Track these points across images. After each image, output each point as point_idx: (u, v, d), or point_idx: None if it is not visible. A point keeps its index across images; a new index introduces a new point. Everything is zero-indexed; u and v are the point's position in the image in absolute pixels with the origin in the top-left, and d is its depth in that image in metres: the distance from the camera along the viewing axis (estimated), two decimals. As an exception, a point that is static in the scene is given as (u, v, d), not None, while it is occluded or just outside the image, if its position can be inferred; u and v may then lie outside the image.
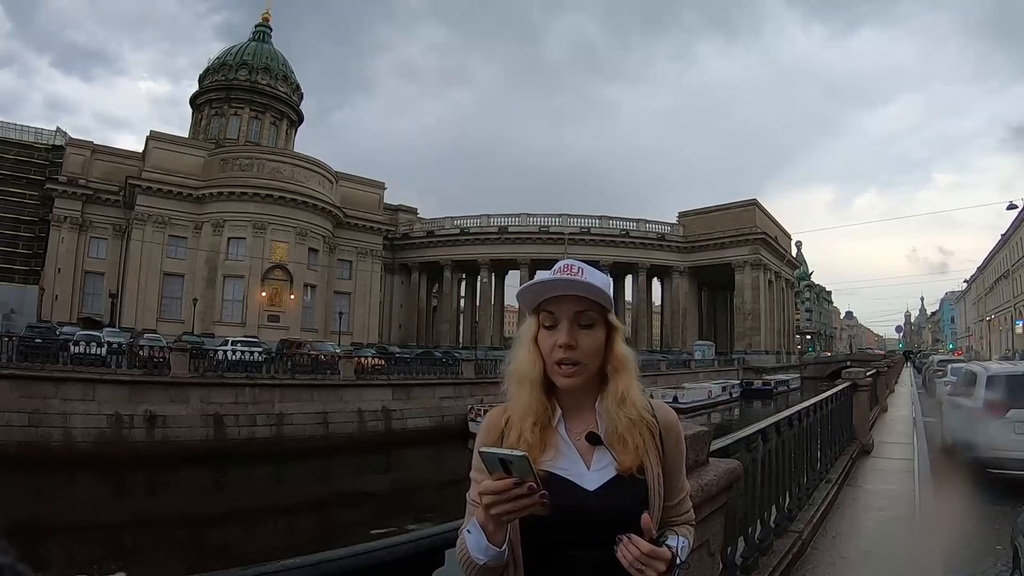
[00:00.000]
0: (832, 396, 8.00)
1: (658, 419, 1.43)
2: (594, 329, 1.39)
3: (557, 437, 1.39)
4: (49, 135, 58.53)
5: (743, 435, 4.07)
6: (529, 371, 1.40)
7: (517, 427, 1.38)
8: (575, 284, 1.37)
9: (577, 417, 1.42)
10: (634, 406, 1.39)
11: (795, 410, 5.82)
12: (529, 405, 1.38)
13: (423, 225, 69.32)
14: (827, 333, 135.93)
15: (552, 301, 1.39)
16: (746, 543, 4.06)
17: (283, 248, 53.30)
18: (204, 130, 65.93)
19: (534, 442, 1.34)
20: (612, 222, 64.93)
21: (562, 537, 1.30)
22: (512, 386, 1.43)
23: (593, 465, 1.36)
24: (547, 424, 1.39)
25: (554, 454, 1.36)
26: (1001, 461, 7.89)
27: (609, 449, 1.36)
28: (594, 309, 1.39)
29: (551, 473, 1.33)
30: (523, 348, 1.43)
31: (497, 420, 1.42)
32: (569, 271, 1.39)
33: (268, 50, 70.55)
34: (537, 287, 1.40)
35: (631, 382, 1.41)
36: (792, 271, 78.16)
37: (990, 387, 8.77)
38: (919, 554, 5.20)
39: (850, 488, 7.30)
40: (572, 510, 1.29)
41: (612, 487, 1.33)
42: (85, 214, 52.83)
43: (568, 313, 1.38)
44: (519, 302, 1.48)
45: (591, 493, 1.32)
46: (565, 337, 1.36)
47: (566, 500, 1.28)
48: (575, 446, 1.38)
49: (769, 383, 48.66)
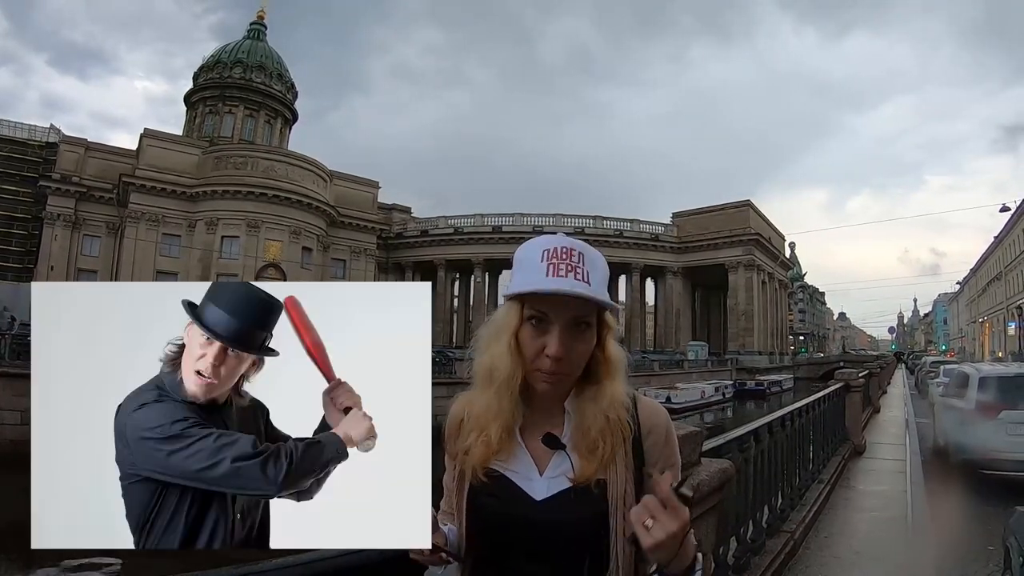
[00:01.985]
0: (824, 397, 8.03)
1: (641, 421, 1.27)
2: (588, 332, 1.21)
3: (511, 437, 1.25)
4: (43, 132, 58.13)
5: (735, 435, 4.10)
6: (506, 373, 1.21)
7: (479, 430, 1.25)
8: (575, 291, 1.16)
9: (541, 414, 1.27)
10: (613, 408, 1.23)
11: (787, 411, 5.84)
12: (500, 410, 1.23)
13: (417, 224, 69.13)
14: (820, 334, 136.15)
15: (546, 299, 1.18)
16: (738, 543, 4.08)
17: (277, 247, 53.15)
18: (198, 128, 65.60)
19: (488, 442, 1.23)
20: (606, 222, 64.90)
21: (508, 544, 1.21)
22: (482, 384, 1.26)
23: (547, 471, 1.22)
24: (508, 423, 1.24)
25: (507, 455, 1.24)
26: (993, 462, 7.94)
27: (569, 455, 1.21)
28: (591, 310, 1.21)
29: (502, 475, 1.23)
30: (501, 343, 1.22)
31: (461, 411, 1.31)
32: (568, 260, 1.17)
33: (263, 48, 70.27)
34: (532, 288, 1.19)
35: (616, 384, 1.25)
36: (786, 272, 78.22)
37: (982, 388, 8.81)
38: (911, 555, 5.23)
39: (842, 489, 7.33)
40: (517, 521, 1.20)
41: (563, 499, 1.19)
42: (78, 212, 52.64)
43: (563, 318, 1.18)
44: (504, 295, 1.27)
45: (538, 503, 1.20)
46: (556, 348, 1.17)
47: (511, 509, 1.20)
48: (529, 448, 1.24)
49: (762, 384, 48.76)
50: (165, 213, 51.74)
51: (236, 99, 66.35)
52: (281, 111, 70.17)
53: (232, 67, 67.33)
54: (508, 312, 1.24)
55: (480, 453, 1.24)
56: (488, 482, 1.23)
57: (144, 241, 50.65)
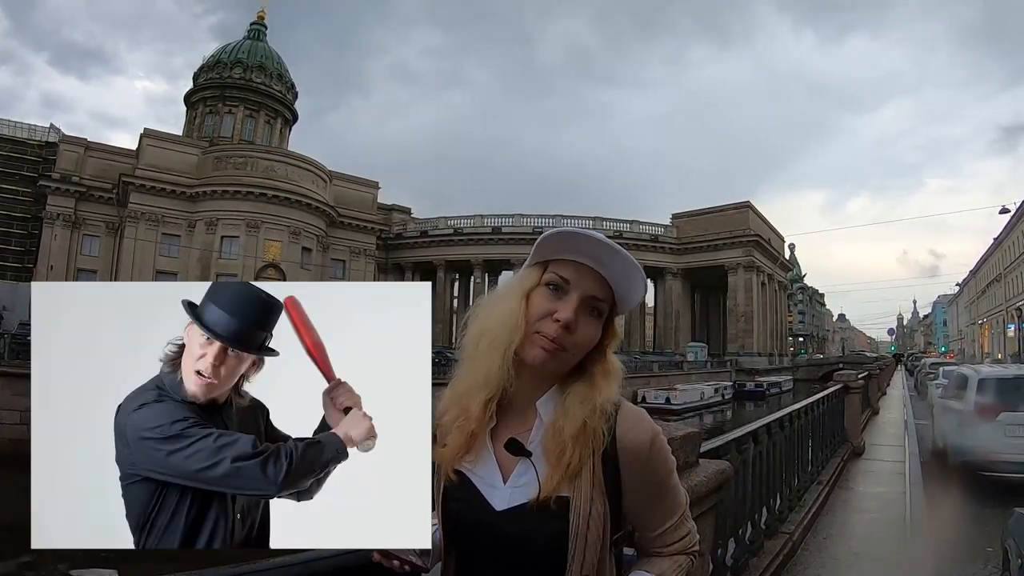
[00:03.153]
0: (824, 398, 8.04)
1: (618, 433, 1.17)
2: (597, 321, 1.18)
3: (482, 438, 1.20)
4: (43, 132, 58.14)
5: (734, 437, 4.09)
6: (510, 331, 1.14)
7: (460, 402, 1.21)
8: (625, 261, 1.15)
9: (512, 413, 1.22)
10: (594, 415, 1.15)
11: (786, 412, 5.84)
12: (495, 374, 1.16)
13: (417, 225, 69.16)
14: (820, 335, 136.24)
15: (571, 265, 1.16)
16: (737, 544, 4.07)
17: (276, 247, 53.16)
18: (198, 128, 65.62)
19: (459, 440, 1.19)
20: (606, 224, 64.86)
21: (475, 553, 1.19)
22: (482, 344, 1.19)
23: (511, 480, 1.17)
24: (481, 417, 1.19)
25: (475, 456, 1.20)
26: (992, 464, 7.94)
27: (534, 464, 1.14)
28: (609, 301, 1.18)
29: (468, 479, 1.19)
30: (511, 300, 1.18)
31: (446, 398, 1.26)
32: (612, 249, 1.15)
33: (263, 48, 70.28)
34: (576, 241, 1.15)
35: (605, 392, 1.17)
36: (785, 273, 78.27)
37: (981, 390, 8.81)
38: (910, 557, 5.23)
39: (841, 490, 7.33)
40: (480, 528, 1.16)
41: (522, 512, 1.13)
42: (78, 211, 52.62)
43: (584, 288, 1.15)
44: (538, 248, 1.20)
45: (497, 514, 1.15)
46: (569, 312, 1.12)
47: (475, 516, 1.17)
48: (494, 452, 1.19)
49: (762, 385, 48.77)
50: (165, 213, 51.73)
51: (236, 99, 66.35)
52: (281, 111, 70.17)
53: (232, 67, 67.33)
54: (526, 275, 1.20)
55: (455, 443, 1.19)
56: (457, 483, 1.19)
57: (144, 241, 50.64)
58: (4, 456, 16.18)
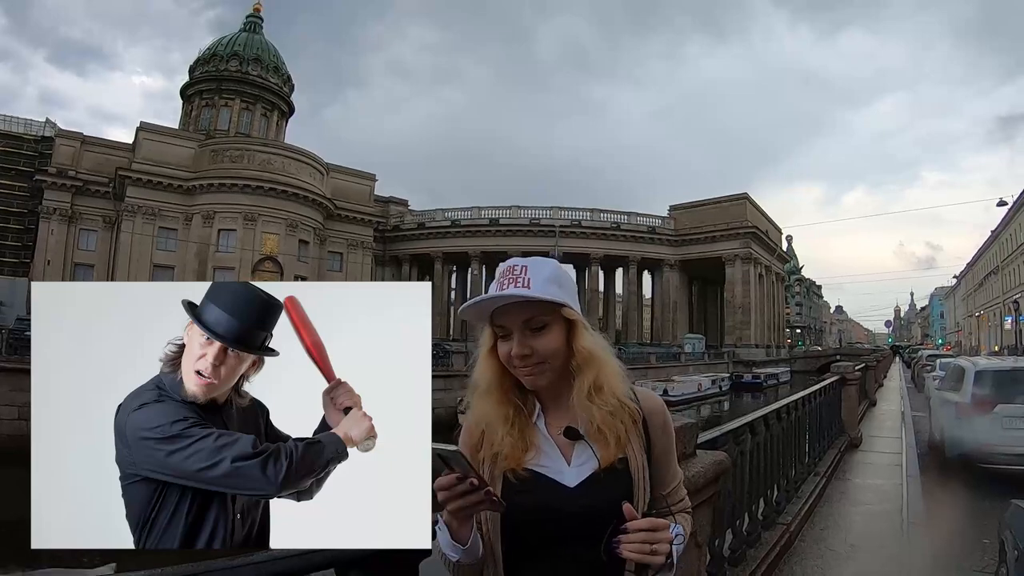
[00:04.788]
0: (821, 390, 8.05)
1: (641, 406, 1.40)
2: (547, 330, 1.34)
3: (537, 434, 1.36)
4: (39, 126, 57.94)
5: (731, 428, 4.10)
6: (486, 382, 1.38)
7: (495, 433, 1.36)
8: (511, 296, 1.32)
9: (557, 412, 1.39)
10: (613, 395, 1.35)
11: (783, 403, 5.86)
12: (494, 413, 1.36)
13: (414, 217, 69.00)
14: (817, 327, 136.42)
15: (500, 311, 1.34)
16: (734, 535, 4.09)
17: (274, 240, 53.02)
18: (195, 121, 65.33)
19: (515, 443, 1.33)
20: (603, 215, 64.88)
21: (546, 535, 1.28)
22: (474, 399, 1.40)
23: (573, 461, 1.33)
24: (526, 423, 1.36)
25: (535, 452, 1.34)
26: (988, 456, 7.96)
27: (589, 444, 1.32)
28: (543, 311, 1.34)
29: (532, 472, 1.32)
30: (480, 361, 1.40)
31: (473, 428, 1.39)
32: (511, 275, 1.34)
33: (259, 41, 69.95)
34: (476, 307, 1.36)
35: (602, 370, 1.36)
36: (783, 265, 78.33)
37: (978, 382, 8.83)
38: (907, 548, 5.25)
39: (838, 482, 7.36)
40: (554, 509, 1.28)
41: (593, 483, 1.31)
42: (75, 206, 52.34)
43: (516, 322, 1.33)
44: (465, 319, 1.43)
45: (572, 490, 1.30)
46: (517, 347, 1.32)
47: (547, 498, 1.28)
48: (555, 442, 1.35)
49: (759, 376, 48.78)
50: (161, 207, 51.56)
51: (232, 92, 66.06)
52: (277, 104, 69.88)
53: (228, 60, 67.03)
54: (484, 336, 1.40)
55: (509, 454, 1.33)
56: (519, 481, 1.31)
57: (141, 235, 50.51)
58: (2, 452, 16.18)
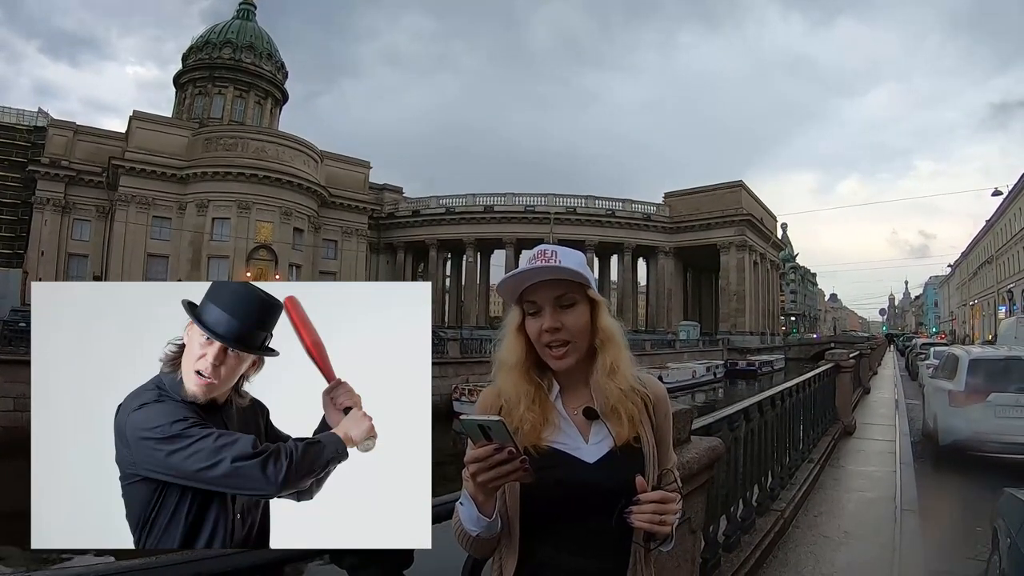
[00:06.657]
0: (815, 377, 8.08)
1: (648, 391, 1.47)
2: (576, 308, 1.41)
3: (555, 413, 1.41)
4: (31, 116, 57.41)
5: (725, 414, 4.11)
6: (513, 358, 1.42)
7: (515, 409, 1.40)
8: (548, 269, 1.38)
9: (574, 392, 1.45)
10: (624, 378, 1.42)
11: (778, 390, 5.88)
12: (516, 390, 1.40)
13: (408, 204, 68.74)
14: (811, 315, 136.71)
15: (532, 289, 1.41)
16: (728, 521, 4.11)
17: (268, 228, 52.91)
18: (188, 109, 64.95)
19: (536, 420, 1.37)
20: (598, 202, 64.75)
21: (564, 509, 1.33)
22: (499, 374, 1.44)
23: (591, 438, 1.39)
24: (545, 400, 1.41)
25: (553, 430, 1.39)
26: (982, 444, 8.01)
27: (605, 422, 1.39)
28: (573, 289, 1.41)
29: (552, 448, 1.37)
30: (508, 337, 1.45)
31: (494, 400, 1.43)
32: (543, 257, 1.41)
33: (252, 28, 69.46)
34: (514, 279, 1.41)
35: (619, 353, 1.44)
36: (777, 253, 78.40)
37: (972, 371, 8.87)
38: (899, 535, 5.28)
39: (832, 469, 7.40)
40: (574, 483, 1.33)
41: (610, 459, 1.36)
42: (68, 196, 52.12)
43: (548, 298, 1.40)
44: (500, 295, 1.50)
45: (591, 466, 1.36)
46: (549, 321, 1.38)
47: (567, 474, 1.34)
48: (573, 420, 1.41)
49: (754, 364, 49.04)
50: (155, 196, 51.33)
51: (226, 79, 65.67)
52: (271, 91, 69.49)
53: (221, 47, 66.58)
54: (512, 314, 1.47)
55: (530, 430, 1.37)
56: (540, 456, 1.34)
57: (135, 224, 50.30)
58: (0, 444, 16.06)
